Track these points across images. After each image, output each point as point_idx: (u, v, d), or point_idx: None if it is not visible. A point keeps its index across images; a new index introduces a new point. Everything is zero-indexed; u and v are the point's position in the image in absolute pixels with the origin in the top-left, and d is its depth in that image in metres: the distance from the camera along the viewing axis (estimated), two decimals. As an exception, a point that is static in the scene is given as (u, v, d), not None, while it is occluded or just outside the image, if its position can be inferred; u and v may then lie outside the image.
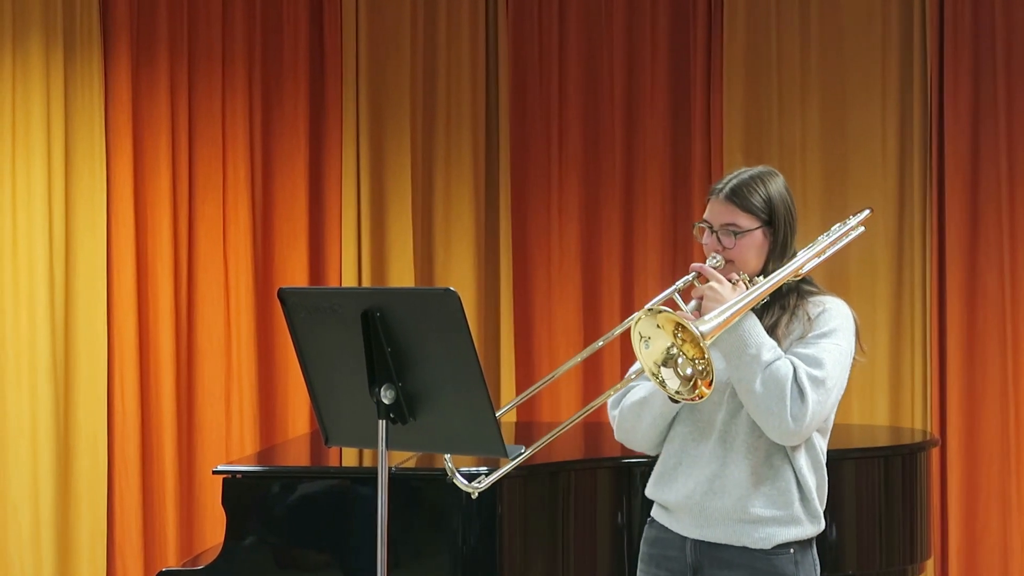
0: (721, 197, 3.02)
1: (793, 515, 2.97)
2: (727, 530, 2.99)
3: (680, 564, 3.05)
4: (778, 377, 2.86)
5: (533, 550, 4.18)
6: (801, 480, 2.97)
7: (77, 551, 6.03)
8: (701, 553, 3.02)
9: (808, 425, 2.88)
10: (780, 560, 2.97)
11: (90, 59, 6.08)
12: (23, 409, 5.97)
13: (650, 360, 2.81)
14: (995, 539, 6.10)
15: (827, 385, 2.90)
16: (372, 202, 6.42)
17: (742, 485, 2.96)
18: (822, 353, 2.91)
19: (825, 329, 2.95)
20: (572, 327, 6.50)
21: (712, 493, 2.99)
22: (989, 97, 6.15)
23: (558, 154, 6.53)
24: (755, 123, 6.38)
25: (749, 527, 2.97)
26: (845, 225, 3.20)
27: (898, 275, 6.27)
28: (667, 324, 2.79)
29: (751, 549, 2.97)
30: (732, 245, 3.00)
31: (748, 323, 2.90)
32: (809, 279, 3.08)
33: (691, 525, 3.03)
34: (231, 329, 6.25)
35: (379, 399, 2.87)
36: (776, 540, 2.97)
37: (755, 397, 2.88)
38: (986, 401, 6.14)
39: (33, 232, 5.99)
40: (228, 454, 6.15)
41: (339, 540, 4.10)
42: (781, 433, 2.89)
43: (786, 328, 2.98)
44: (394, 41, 6.45)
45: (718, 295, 2.89)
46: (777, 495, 2.96)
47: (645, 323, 2.81)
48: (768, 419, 2.89)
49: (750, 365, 2.88)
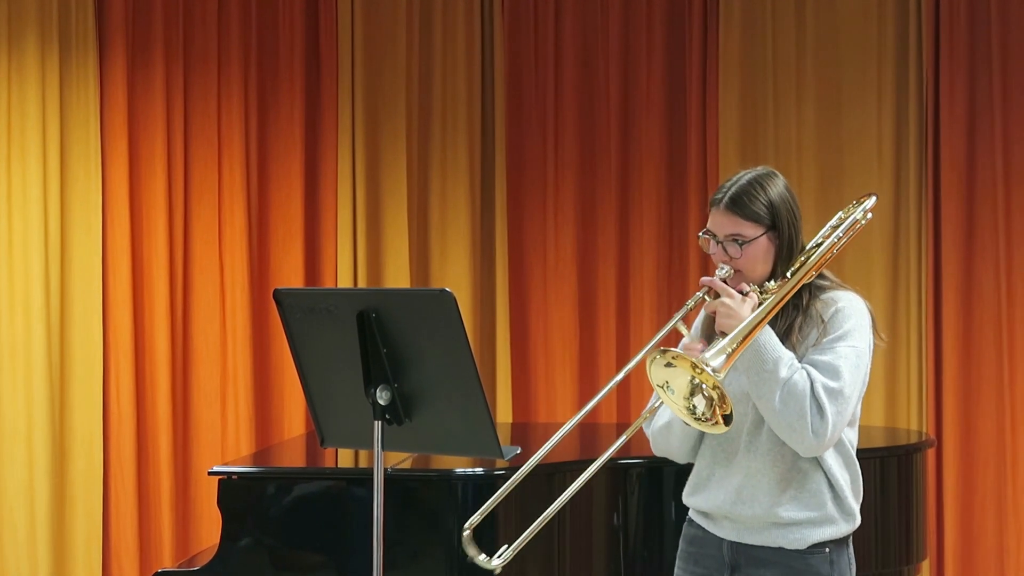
0: (722, 207, 3.00)
1: (827, 515, 2.98)
2: (762, 534, 3.00)
3: (718, 562, 3.07)
4: (796, 393, 2.86)
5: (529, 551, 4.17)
6: (832, 480, 2.97)
7: (73, 552, 6.02)
8: (737, 553, 3.04)
9: (831, 437, 2.89)
10: (816, 559, 2.98)
11: (86, 60, 6.08)
12: (19, 410, 5.96)
13: (680, 398, 2.78)
14: (991, 540, 6.11)
15: (845, 394, 2.89)
16: (368, 203, 6.42)
17: (771, 493, 2.98)
18: (838, 360, 2.91)
19: (840, 332, 2.94)
20: (568, 328, 6.50)
21: (742, 503, 3.00)
22: (984, 97, 6.15)
23: (554, 155, 6.54)
24: (751, 124, 6.38)
25: (783, 529, 2.98)
26: (851, 214, 3.16)
27: (894, 275, 6.27)
28: (680, 361, 2.77)
29: (787, 549, 2.98)
30: (738, 255, 2.98)
31: (764, 337, 2.89)
32: (822, 272, 3.07)
33: (728, 529, 3.06)
34: (227, 330, 6.24)
35: (375, 400, 2.87)
36: (811, 540, 2.97)
37: (775, 414, 2.89)
38: (982, 401, 6.14)
39: (29, 233, 5.99)
40: (224, 455, 6.14)
41: (335, 541, 4.10)
42: (805, 448, 2.90)
43: (800, 333, 2.97)
44: (390, 42, 6.45)
45: (731, 311, 2.89)
46: (809, 498, 2.97)
47: (657, 368, 2.77)
48: (791, 435, 2.89)
49: (767, 382, 2.88)
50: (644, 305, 6.45)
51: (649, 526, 4.37)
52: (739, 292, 2.93)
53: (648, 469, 4.35)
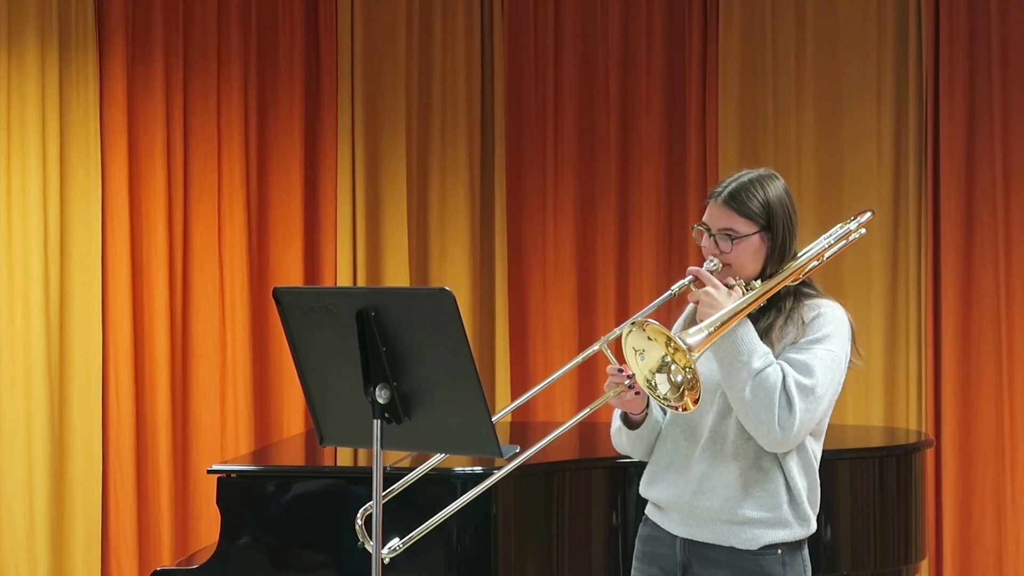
0: (719, 201, 3.01)
1: (781, 517, 2.97)
2: (715, 530, 3.00)
3: (671, 562, 3.07)
4: (767, 385, 2.87)
5: (528, 550, 4.18)
6: (791, 483, 2.97)
7: (71, 550, 6.02)
8: (690, 552, 3.03)
9: (796, 434, 2.89)
10: (767, 561, 2.97)
11: (85, 58, 6.08)
12: (17, 408, 5.96)
13: (645, 369, 2.84)
14: (990, 540, 6.11)
15: (816, 393, 2.90)
16: (367, 202, 6.42)
17: (730, 487, 2.97)
18: (813, 360, 2.92)
19: (819, 335, 2.95)
20: (567, 327, 6.50)
21: (701, 493, 3.00)
22: (984, 98, 6.15)
23: (553, 154, 6.54)
24: (750, 124, 6.38)
25: (736, 528, 2.98)
26: (845, 226, 3.18)
27: (893, 276, 6.27)
28: (658, 336, 2.81)
29: (738, 549, 2.98)
30: (729, 249, 2.99)
31: (742, 329, 2.90)
32: (809, 281, 3.08)
33: (680, 524, 3.05)
34: (226, 328, 6.24)
35: (374, 399, 2.87)
36: (763, 541, 2.97)
37: (744, 404, 2.89)
38: (981, 401, 6.14)
39: (28, 231, 5.99)
40: (223, 453, 6.14)
41: (334, 540, 4.10)
42: (770, 441, 2.90)
43: (780, 332, 2.98)
44: (389, 41, 6.45)
45: (714, 300, 2.90)
46: (766, 497, 2.97)
47: (636, 336, 2.84)
48: (757, 427, 2.89)
49: (740, 372, 2.88)
50: (643, 302, 6.43)
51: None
52: (725, 285, 2.94)
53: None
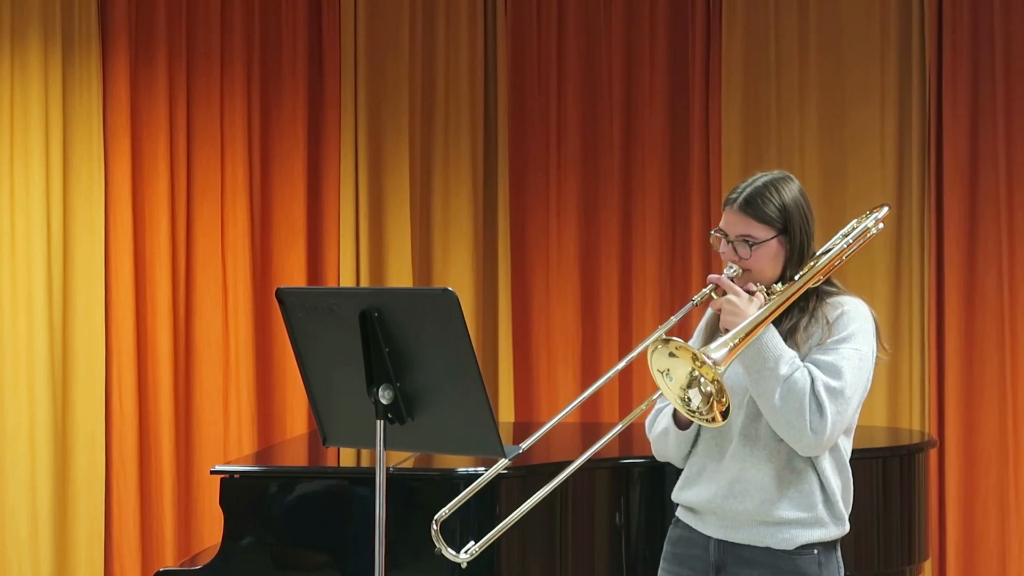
0: (735, 207, 3.01)
1: (817, 517, 2.97)
2: (751, 532, 2.99)
3: (703, 563, 3.06)
4: (796, 390, 2.86)
5: (531, 550, 4.18)
6: (825, 483, 2.97)
7: (75, 551, 6.03)
8: (724, 552, 3.03)
9: (830, 437, 2.89)
10: (804, 560, 2.97)
11: (88, 59, 6.08)
12: (21, 409, 5.97)
13: (676, 387, 2.81)
14: (993, 540, 6.10)
15: (846, 394, 2.90)
16: (370, 202, 6.42)
17: (765, 489, 2.97)
18: (840, 360, 2.91)
19: (844, 334, 2.95)
20: (570, 328, 6.49)
21: (734, 497, 2.99)
22: (988, 99, 6.15)
23: (557, 155, 6.53)
24: (754, 124, 6.37)
25: (772, 528, 2.97)
26: (862, 223, 3.18)
27: (896, 276, 6.27)
28: (682, 352, 2.79)
29: (774, 549, 2.98)
30: (748, 255, 2.99)
31: (767, 335, 2.89)
32: (830, 279, 3.07)
33: (716, 526, 3.04)
34: (229, 329, 6.24)
35: (377, 399, 2.87)
36: (799, 541, 2.97)
37: (775, 411, 2.89)
38: (984, 402, 6.14)
39: (31, 232, 5.99)
40: (226, 454, 6.14)
41: (337, 540, 4.10)
42: (804, 446, 2.90)
43: (804, 332, 2.98)
44: (393, 41, 6.45)
45: (736, 308, 2.90)
46: (800, 498, 2.97)
47: (659, 357, 2.80)
48: (790, 433, 2.89)
49: (768, 379, 2.88)
50: (646, 304, 6.44)
51: (651, 526, 4.36)
52: (746, 292, 2.94)
53: (650, 469, 4.34)
